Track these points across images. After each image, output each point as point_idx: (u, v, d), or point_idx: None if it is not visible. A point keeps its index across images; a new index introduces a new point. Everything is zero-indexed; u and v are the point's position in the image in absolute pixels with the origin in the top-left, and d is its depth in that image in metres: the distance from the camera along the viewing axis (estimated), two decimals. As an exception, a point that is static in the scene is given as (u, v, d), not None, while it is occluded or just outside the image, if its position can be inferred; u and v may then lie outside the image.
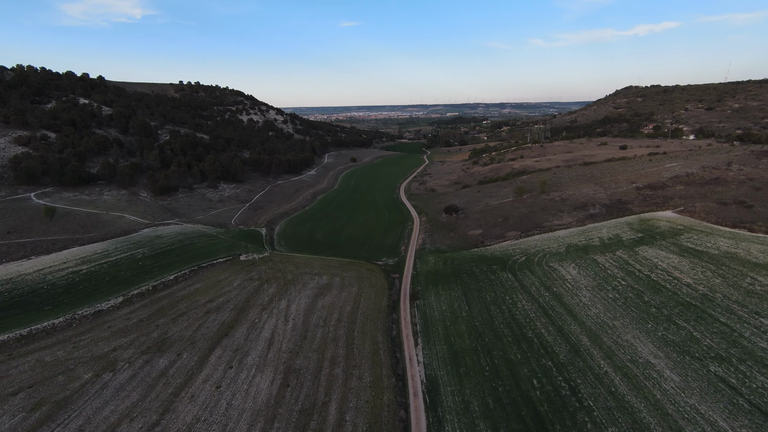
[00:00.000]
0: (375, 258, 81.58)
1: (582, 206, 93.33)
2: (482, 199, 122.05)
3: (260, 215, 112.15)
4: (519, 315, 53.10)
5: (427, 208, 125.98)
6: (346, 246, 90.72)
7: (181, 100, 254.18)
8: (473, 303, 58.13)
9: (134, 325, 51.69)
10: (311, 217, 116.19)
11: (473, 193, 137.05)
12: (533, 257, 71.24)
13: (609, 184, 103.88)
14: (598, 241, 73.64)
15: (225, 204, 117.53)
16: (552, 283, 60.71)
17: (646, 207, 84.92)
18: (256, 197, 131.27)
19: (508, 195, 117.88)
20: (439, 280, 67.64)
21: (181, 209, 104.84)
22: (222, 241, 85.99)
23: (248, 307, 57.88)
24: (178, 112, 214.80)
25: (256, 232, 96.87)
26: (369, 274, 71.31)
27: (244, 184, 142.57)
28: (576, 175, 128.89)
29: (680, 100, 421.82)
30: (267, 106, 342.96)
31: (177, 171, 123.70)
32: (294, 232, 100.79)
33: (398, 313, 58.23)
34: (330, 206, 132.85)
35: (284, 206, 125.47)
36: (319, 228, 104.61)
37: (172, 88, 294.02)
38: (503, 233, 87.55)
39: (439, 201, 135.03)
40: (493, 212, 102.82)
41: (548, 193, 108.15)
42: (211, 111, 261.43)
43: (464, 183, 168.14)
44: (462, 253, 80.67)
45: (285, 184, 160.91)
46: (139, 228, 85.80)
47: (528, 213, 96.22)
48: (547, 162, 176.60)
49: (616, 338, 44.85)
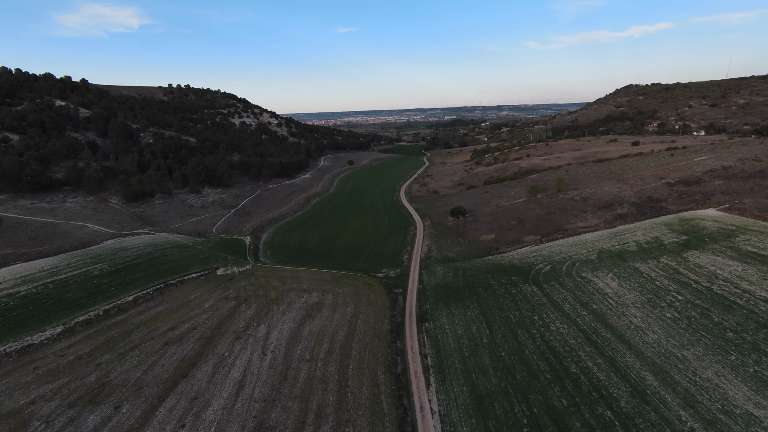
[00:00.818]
0: (374, 269, 70.99)
1: (607, 205, 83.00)
2: (491, 200, 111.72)
3: (246, 222, 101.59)
4: (555, 341, 42.50)
5: (430, 211, 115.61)
6: (341, 255, 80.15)
7: (169, 103, 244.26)
8: (495, 325, 47.54)
9: (69, 365, 40.92)
10: (303, 223, 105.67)
11: (480, 194, 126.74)
12: (560, 266, 60.72)
13: (634, 180, 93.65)
14: (635, 245, 63.21)
15: (208, 210, 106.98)
16: (589, 298, 50.18)
17: (684, 205, 74.59)
18: (244, 202, 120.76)
19: (520, 195, 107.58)
20: (451, 296, 57.03)
21: (156, 217, 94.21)
22: (198, 252, 75.36)
23: (218, 336, 47.17)
24: (165, 115, 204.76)
25: (239, 241, 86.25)
26: (367, 290, 60.69)
27: (231, 189, 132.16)
28: (592, 172, 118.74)
29: (683, 97, 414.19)
30: (260, 109, 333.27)
31: (155, 175, 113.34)
32: (283, 240, 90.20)
33: (403, 339, 47.58)
34: (324, 211, 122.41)
35: (274, 212, 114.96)
36: (311, 235, 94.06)
37: (160, 91, 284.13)
38: (520, 238, 77.07)
39: (443, 203, 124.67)
40: (506, 214, 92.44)
41: (565, 191, 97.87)
42: (201, 114, 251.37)
43: (469, 184, 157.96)
44: (474, 261, 70.12)
45: (276, 188, 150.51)
46: (102, 239, 75.16)
47: (546, 214, 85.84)
48: (557, 160, 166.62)
49: (693, 376, 34.25)
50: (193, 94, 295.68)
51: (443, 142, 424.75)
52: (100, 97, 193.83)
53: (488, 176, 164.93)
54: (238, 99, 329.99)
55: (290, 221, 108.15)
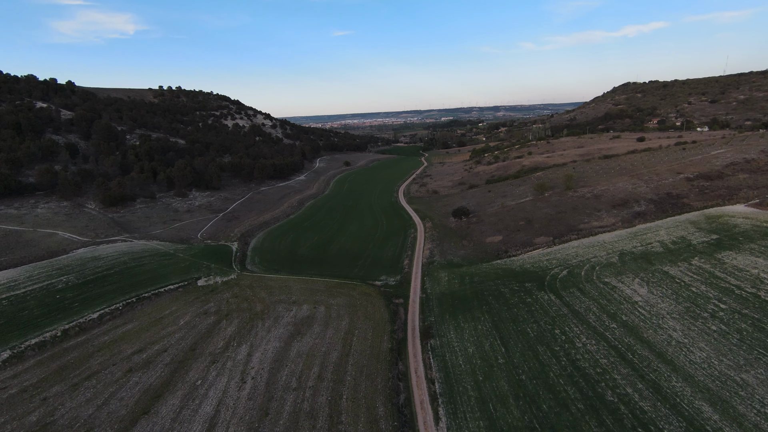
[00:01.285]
0: (372, 277, 64.82)
1: (622, 203, 77.16)
2: (495, 199, 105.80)
3: (234, 226, 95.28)
4: (583, 361, 36.43)
5: (431, 212, 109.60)
6: (336, 261, 73.92)
7: (159, 105, 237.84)
8: (511, 341, 41.43)
9: (8, 401, 34.56)
10: (296, 227, 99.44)
11: (483, 193, 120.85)
12: (578, 270, 54.75)
13: (649, 176, 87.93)
14: (659, 246, 57.28)
15: (194, 214, 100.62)
16: (616, 307, 44.18)
17: (708, 201, 68.83)
18: (233, 206, 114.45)
19: (526, 194, 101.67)
20: (458, 307, 50.91)
21: (136, 222, 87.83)
22: (179, 260, 69.02)
23: (192, 359, 40.87)
24: (154, 117, 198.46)
25: (225, 247, 79.93)
26: (364, 300, 54.51)
27: (220, 192, 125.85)
28: (600, 168, 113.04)
29: (682, 93, 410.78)
30: (254, 110, 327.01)
31: (138, 178, 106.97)
32: (273, 245, 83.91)
33: (406, 360, 41.40)
34: (319, 213, 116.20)
35: (265, 215, 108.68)
36: (303, 240, 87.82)
37: (150, 94, 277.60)
38: (530, 239, 71.06)
39: (444, 204, 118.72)
40: (512, 214, 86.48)
41: (575, 189, 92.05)
42: (193, 116, 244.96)
43: (470, 183, 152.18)
44: (482, 266, 64.04)
45: (269, 190, 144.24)
46: (73, 248, 68.72)
47: (556, 214, 79.92)
48: (560, 157, 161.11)
49: (761, 407, 28.16)
50: (185, 96, 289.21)
51: (441, 142, 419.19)
52: (86, 99, 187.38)
53: (490, 175, 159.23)
54: (231, 101, 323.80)
55: (282, 225, 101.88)
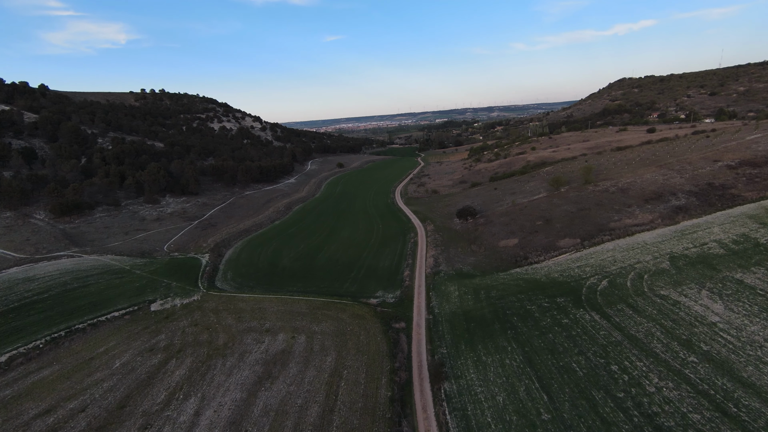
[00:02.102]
0: (366, 292, 53.79)
1: (656, 196, 66.69)
2: (503, 197, 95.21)
3: (209, 235, 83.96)
4: (665, 417, 25.57)
5: (431, 213, 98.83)
6: (324, 274, 62.80)
7: (139, 109, 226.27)
8: (554, 384, 30.52)
9: None
10: (280, 234, 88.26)
11: (488, 191, 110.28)
12: (621, 279, 44.05)
13: (680, 165, 77.62)
14: (718, 246, 46.71)
15: (163, 223, 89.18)
16: (689, 332, 33.44)
17: (763, 191, 58.45)
18: (211, 212, 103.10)
19: (538, 190, 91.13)
20: (476, 332, 39.98)
21: (92, 234, 76.38)
22: (133, 279, 57.65)
23: (116, 425, 29.57)
24: (133, 120, 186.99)
25: (194, 260, 68.61)
26: (356, 326, 43.47)
27: (198, 197, 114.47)
28: (617, 160, 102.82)
29: (680, 87, 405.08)
30: (243, 113, 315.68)
31: (102, 183, 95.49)
32: (251, 257, 72.65)
33: (412, 417, 30.34)
34: (308, 218, 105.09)
35: (246, 222, 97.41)
36: (288, 249, 76.63)
37: (132, 97, 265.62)
38: (553, 242, 60.32)
39: (445, 204, 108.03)
40: (526, 213, 75.83)
41: (595, 183, 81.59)
42: (176, 119, 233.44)
43: (472, 181, 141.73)
44: (498, 277, 53.19)
45: (254, 194, 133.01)
46: (3, 267, 57.12)
47: (578, 211, 69.32)
48: (567, 151, 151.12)
49: None
50: (168, 99, 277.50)
51: (437, 142, 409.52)
52: (57, 102, 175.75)
53: (492, 172, 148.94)
54: (219, 103, 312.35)
55: (265, 232, 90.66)
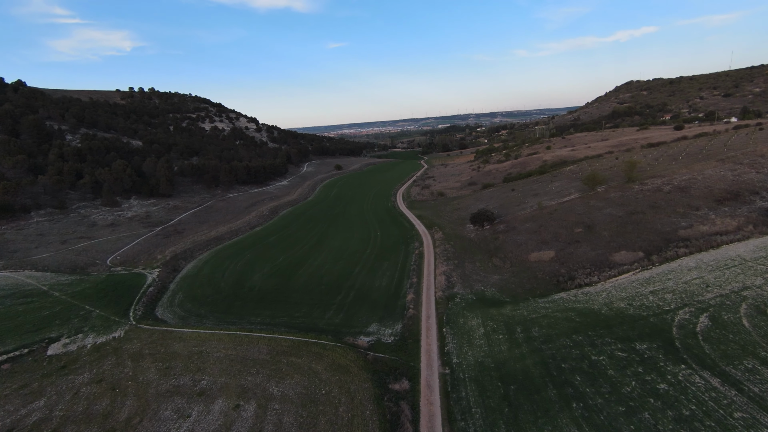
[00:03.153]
0: (354, 326, 39.20)
1: (731, 196, 52.09)
2: (524, 199, 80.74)
3: (171, 244, 69.66)
4: None
5: (439, 218, 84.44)
6: (302, 297, 48.24)
7: (124, 107, 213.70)
8: None
9: None
10: (258, 243, 73.94)
11: (504, 192, 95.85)
12: (730, 315, 29.46)
13: (752, 158, 63.14)
14: None
15: (118, 229, 75.04)
16: None
17: None
18: (182, 216, 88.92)
19: (567, 190, 76.64)
20: (522, 404, 25.32)
21: (18, 243, 62.33)
22: (45, 305, 43.27)
23: None
24: (115, 118, 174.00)
25: (138, 277, 54.20)
26: (335, 386, 28.87)
27: (170, 199, 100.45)
28: (657, 156, 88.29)
29: (691, 89, 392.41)
30: (237, 113, 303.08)
31: (51, 181, 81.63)
32: (214, 272, 58.17)
33: None
34: (294, 224, 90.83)
35: (220, 228, 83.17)
36: (263, 262, 62.19)
37: (118, 95, 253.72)
38: (605, 256, 45.62)
39: (454, 207, 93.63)
40: (558, 218, 61.23)
41: (642, 181, 66.97)
42: (164, 118, 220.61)
43: (482, 182, 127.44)
44: (538, 305, 38.52)
45: (238, 197, 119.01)
46: None
47: (628, 215, 54.71)
48: (588, 150, 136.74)
49: None
50: (158, 98, 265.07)
51: (441, 145, 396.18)
52: (30, 97, 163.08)
53: (505, 173, 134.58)
54: (212, 103, 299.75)
55: (240, 241, 76.34)
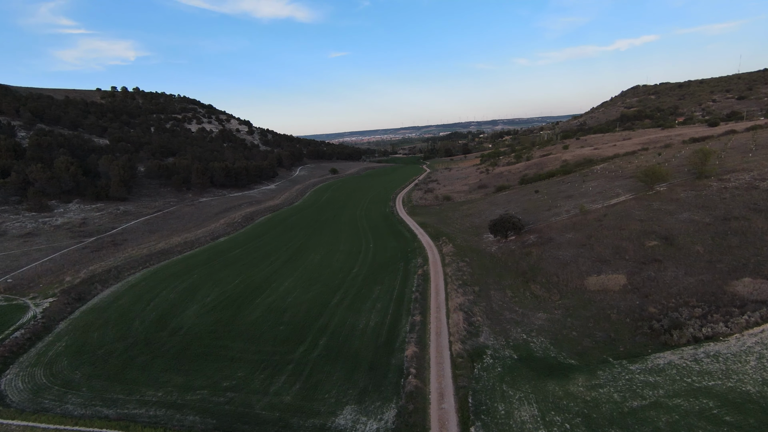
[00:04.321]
0: (311, 412, 22.57)
1: None
2: (555, 202, 64.31)
3: (95, 261, 53.32)
4: None
5: (446, 226, 68.04)
6: (244, 348, 31.67)
7: (101, 106, 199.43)
8: None
9: None
10: (214, 258, 57.53)
11: (525, 195, 79.50)
12: None
13: None
14: None
15: (33, 240, 58.82)
16: None
17: None
18: (129, 224, 72.71)
19: (613, 190, 60.24)
20: None
21: None
22: None
23: None
24: (86, 117, 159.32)
25: (14, 312, 37.58)
26: None
27: (124, 203, 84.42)
28: (716, 150, 71.85)
29: (702, 92, 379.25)
30: (228, 115, 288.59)
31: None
32: (133, 304, 41.54)
33: None
34: (270, 233, 74.55)
35: (173, 239, 66.90)
36: (210, 286, 45.66)
37: (98, 94, 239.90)
38: (718, 285, 29.10)
39: (465, 213, 77.24)
40: (610, 226, 44.73)
41: (720, 177, 50.61)
42: (146, 118, 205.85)
43: (495, 185, 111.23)
44: (631, 377, 21.74)
45: (211, 201, 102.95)
46: None
47: (721, 222, 38.43)
48: (614, 148, 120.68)
49: None
50: (142, 97, 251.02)
51: (443, 150, 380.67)
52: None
53: (520, 174, 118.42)
54: (201, 105, 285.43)
55: (192, 255, 59.92)
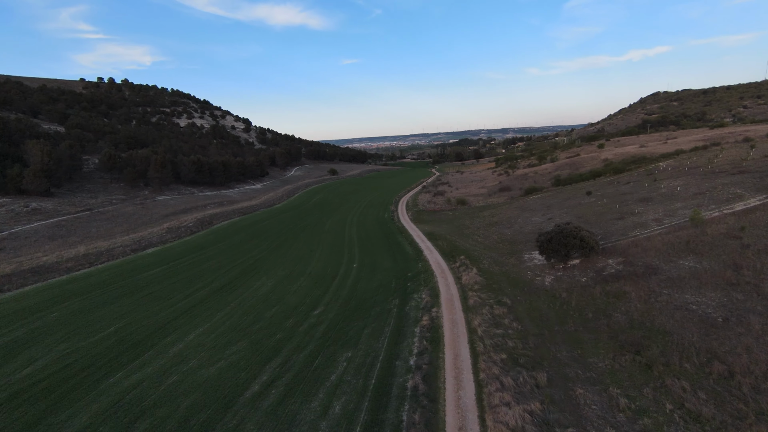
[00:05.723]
0: None
1: None
2: (628, 208, 43.73)
3: None
4: None
5: (464, 238, 47.75)
6: None
7: (80, 96, 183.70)
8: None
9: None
10: (114, 281, 38.26)
11: (571, 198, 58.82)
12: None
13: None
14: None
15: None
16: None
17: None
18: (27, 227, 53.74)
19: (726, 191, 39.47)
20: None
21: None
22: None
23: None
24: (51, 104, 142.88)
25: None
26: None
27: (43, 199, 65.71)
28: None
29: (730, 98, 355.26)
30: (224, 112, 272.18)
31: None
32: None
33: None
34: (222, 243, 55.08)
35: (78, 248, 47.78)
36: (52, 342, 26.14)
37: (80, 85, 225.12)
38: None
39: (488, 221, 56.84)
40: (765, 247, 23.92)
41: None
42: (128, 110, 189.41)
43: (521, 187, 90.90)
44: None
45: (169, 200, 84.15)
46: None
47: None
48: (665, 146, 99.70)
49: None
50: (129, 89, 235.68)
51: (454, 154, 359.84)
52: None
53: (551, 175, 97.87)
54: (195, 99, 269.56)
55: (85, 276, 40.51)
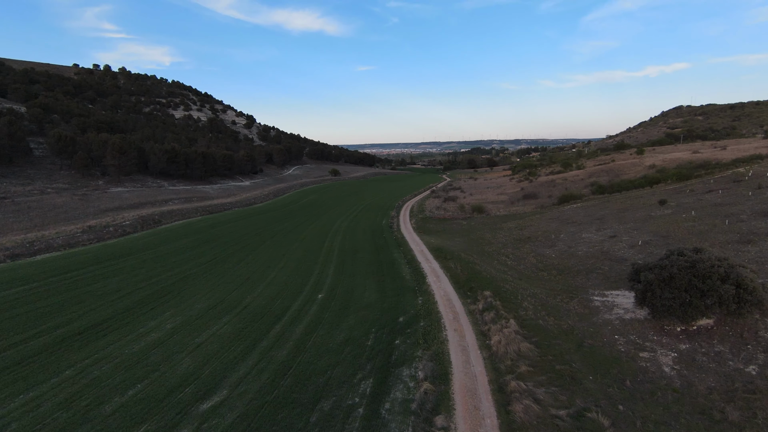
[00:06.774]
0: None
1: None
2: (749, 226, 27.92)
3: None
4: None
5: (487, 259, 32.27)
6: None
7: (68, 81, 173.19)
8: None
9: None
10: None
11: (634, 210, 43.10)
12: None
13: None
14: None
15: None
16: None
17: None
18: None
19: None
20: None
21: None
22: None
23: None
24: (28, 86, 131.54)
25: None
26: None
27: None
28: None
29: (762, 113, 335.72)
30: (225, 106, 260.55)
31: None
32: None
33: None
34: (153, 251, 40.78)
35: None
36: None
37: (72, 70, 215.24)
38: None
39: (517, 236, 41.38)
40: None
41: None
42: (119, 98, 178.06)
43: (550, 195, 75.21)
44: None
45: (123, 193, 70.36)
46: None
47: None
48: (724, 152, 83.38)
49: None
50: (125, 78, 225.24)
51: (466, 161, 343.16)
52: None
53: (585, 183, 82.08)
54: (196, 92, 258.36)
55: None
